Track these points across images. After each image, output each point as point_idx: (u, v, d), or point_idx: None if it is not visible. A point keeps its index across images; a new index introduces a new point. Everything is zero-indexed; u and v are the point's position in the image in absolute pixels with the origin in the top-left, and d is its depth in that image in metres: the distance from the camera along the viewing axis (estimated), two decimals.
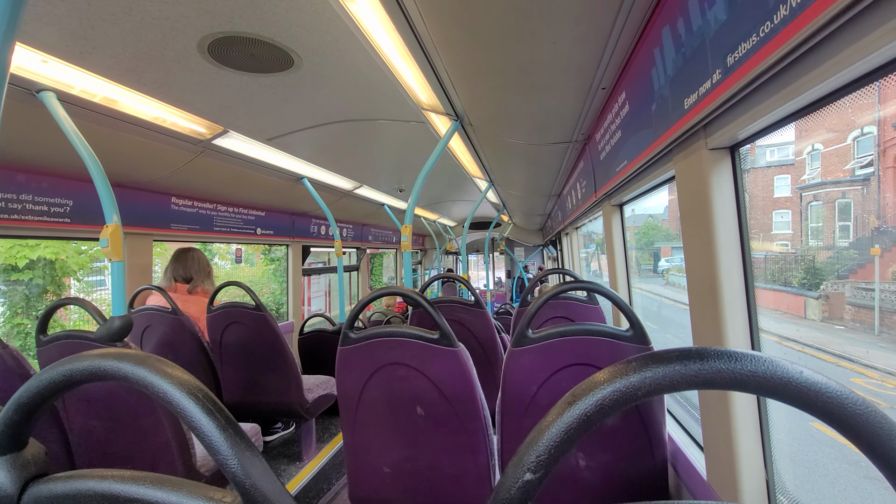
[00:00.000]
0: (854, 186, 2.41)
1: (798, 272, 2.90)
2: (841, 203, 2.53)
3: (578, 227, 4.64)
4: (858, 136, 2.22)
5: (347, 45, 1.54)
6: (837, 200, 2.55)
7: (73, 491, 0.40)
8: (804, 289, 2.75)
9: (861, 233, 2.45)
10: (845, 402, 0.29)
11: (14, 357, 1.52)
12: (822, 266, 2.74)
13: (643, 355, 0.33)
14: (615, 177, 1.87)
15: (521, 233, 8.59)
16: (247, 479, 0.36)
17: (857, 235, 2.48)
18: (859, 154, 2.28)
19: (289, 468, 2.68)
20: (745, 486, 1.04)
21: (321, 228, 4.84)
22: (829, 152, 2.57)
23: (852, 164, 2.34)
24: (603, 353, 1.29)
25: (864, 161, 2.26)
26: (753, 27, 0.73)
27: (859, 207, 2.43)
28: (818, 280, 2.69)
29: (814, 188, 2.81)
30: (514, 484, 0.33)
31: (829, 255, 2.72)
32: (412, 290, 1.42)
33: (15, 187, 2.15)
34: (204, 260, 2.83)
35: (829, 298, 2.56)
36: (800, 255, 2.98)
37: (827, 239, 2.75)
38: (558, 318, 2.43)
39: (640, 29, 1.24)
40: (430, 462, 1.45)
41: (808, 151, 2.79)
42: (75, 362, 0.40)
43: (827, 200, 2.65)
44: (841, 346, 2.43)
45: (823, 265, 2.73)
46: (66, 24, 1.30)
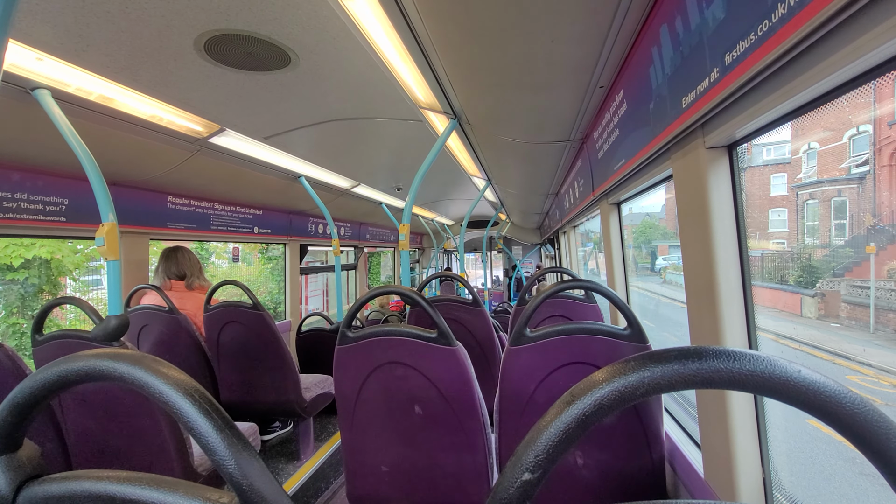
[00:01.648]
0: (850, 185, 2.41)
1: (794, 270, 2.91)
2: (837, 201, 2.54)
3: (576, 225, 4.65)
4: (854, 134, 2.23)
5: (345, 43, 1.54)
6: (833, 199, 2.56)
7: (68, 492, 0.39)
8: (800, 287, 2.75)
9: (856, 231, 2.45)
10: (843, 400, 0.29)
11: (9, 357, 1.51)
12: (818, 264, 2.75)
13: (641, 355, 0.33)
14: (613, 175, 1.87)
15: (518, 231, 8.60)
16: (244, 479, 0.36)
17: (853, 234, 2.48)
18: (855, 153, 2.28)
19: (286, 467, 2.68)
20: (743, 484, 1.05)
21: (319, 227, 4.82)
22: (825, 151, 2.57)
23: (848, 163, 2.35)
24: (601, 352, 1.29)
25: (859, 160, 2.27)
26: (751, 26, 0.73)
27: (855, 206, 2.43)
28: (814, 278, 2.70)
29: (810, 186, 2.81)
30: (512, 484, 0.33)
31: (824, 254, 2.72)
32: (410, 289, 1.42)
33: (10, 186, 2.14)
34: (194, 257, 2.82)
35: (826, 296, 2.56)
36: (796, 254, 2.98)
37: (823, 237, 2.75)
38: (556, 316, 2.43)
39: (638, 27, 1.24)
40: (428, 461, 1.45)
41: (804, 150, 2.79)
42: (70, 363, 0.39)
43: (823, 199, 2.66)
44: (837, 344, 2.45)
45: (819, 263, 2.73)
46: (61, 22, 1.29)
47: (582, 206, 2.93)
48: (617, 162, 1.77)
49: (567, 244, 5.44)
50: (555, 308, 2.42)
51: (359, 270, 6.34)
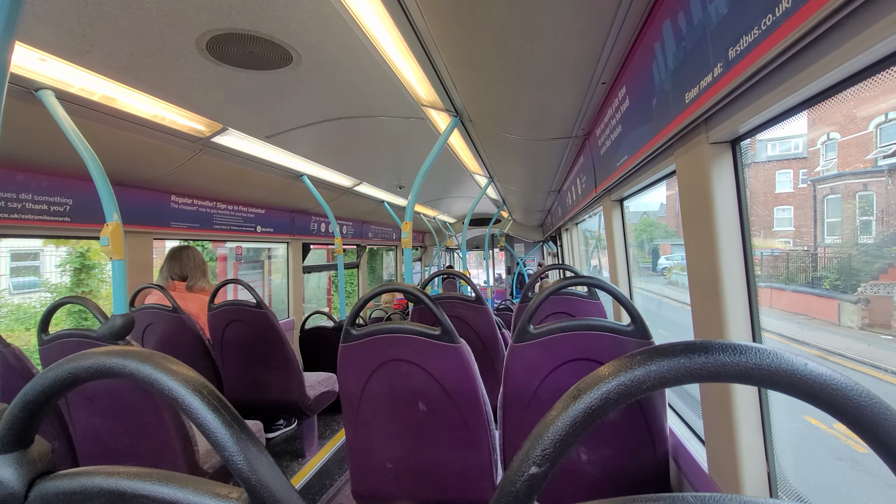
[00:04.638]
0: (877, 178, 2.16)
1: (830, 273, 2.54)
2: (862, 196, 2.28)
3: (578, 222, 4.64)
4: (882, 122, 1.98)
5: (346, 41, 1.54)
6: (858, 193, 2.30)
7: (80, 488, 0.40)
8: (837, 291, 2.36)
9: (887, 228, 2.16)
10: (850, 393, 0.29)
11: (17, 356, 1.52)
12: (858, 265, 2.37)
13: (648, 349, 0.33)
14: (615, 172, 1.87)
15: (520, 229, 8.59)
16: (253, 475, 0.37)
17: (886, 231, 2.20)
18: (883, 142, 2.03)
19: (291, 465, 2.69)
20: (747, 479, 1.05)
21: (321, 226, 4.83)
22: (846, 141, 2.30)
23: (875, 154, 2.11)
24: (604, 348, 1.29)
25: (888, 150, 2.03)
26: (755, 20, 0.72)
27: (883, 200, 2.18)
28: (854, 281, 2.32)
29: (830, 180, 2.52)
30: (519, 477, 0.33)
31: (852, 254, 2.43)
32: (413, 287, 1.42)
33: (14, 186, 2.15)
34: (199, 258, 2.82)
35: (870, 303, 2.17)
36: (831, 254, 2.60)
37: (847, 235, 2.47)
38: (559, 313, 2.43)
39: (640, 23, 1.24)
40: (433, 457, 1.45)
41: (822, 141, 2.53)
42: (80, 360, 0.40)
43: (846, 193, 2.38)
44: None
45: (860, 264, 2.35)
46: (64, 22, 1.29)
47: (584, 203, 2.92)
48: (619, 158, 1.77)
49: (569, 241, 5.43)
50: (558, 305, 2.42)
51: (361, 268, 6.35)
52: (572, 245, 5.29)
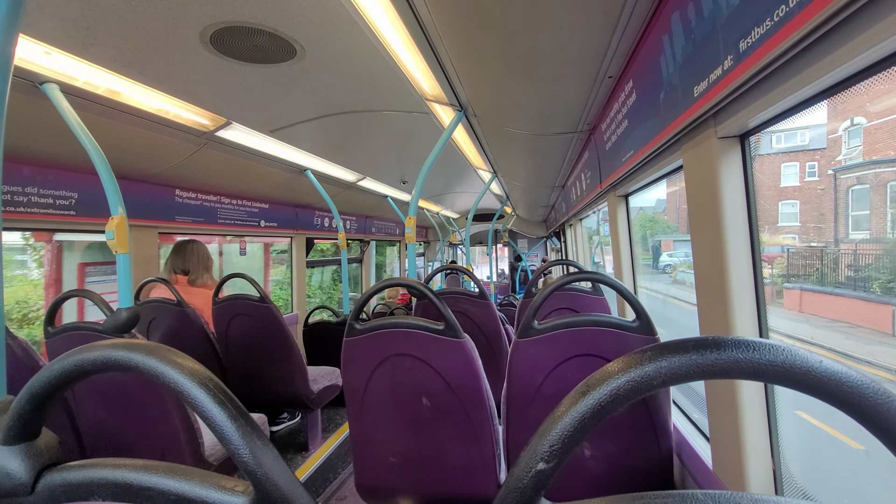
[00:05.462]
0: None
1: (882, 273, 2.22)
2: (894, 185, 2.04)
3: (582, 218, 4.62)
4: None
5: (351, 34, 1.52)
6: (890, 183, 2.07)
7: (86, 479, 0.40)
8: (890, 294, 2.05)
9: None
10: (866, 391, 0.29)
11: (23, 348, 1.53)
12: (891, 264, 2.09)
13: (658, 344, 0.33)
14: (621, 167, 1.85)
15: (524, 224, 8.57)
16: (258, 468, 0.37)
17: None
18: None
19: (295, 458, 2.71)
20: (752, 476, 1.04)
21: (325, 220, 4.84)
22: (873, 126, 2.07)
23: None
24: (609, 344, 1.29)
25: None
26: (767, 11, 0.71)
27: None
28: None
29: (856, 169, 2.25)
30: (527, 473, 0.33)
31: (879, 250, 2.14)
32: (417, 282, 1.42)
33: (20, 180, 2.16)
34: (203, 253, 2.81)
35: None
36: (876, 253, 2.26)
37: (877, 230, 2.20)
38: (563, 309, 2.42)
39: (648, 15, 1.22)
40: (436, 452, 1.46)
41: (844, 128, 2.28)
42: (87, 352, 0.40)
43: (876, 183, 2.14)
44: None
45: None
46: (68, 15, 1.29)
47: (589, 198, 2.91)
48: (625, 153, 1.75)
49: (573, 237, 5.41)
50: (562, 300, 2.41)
51: (364, 263, 6.36)
52: (576, 241, 5.27)
